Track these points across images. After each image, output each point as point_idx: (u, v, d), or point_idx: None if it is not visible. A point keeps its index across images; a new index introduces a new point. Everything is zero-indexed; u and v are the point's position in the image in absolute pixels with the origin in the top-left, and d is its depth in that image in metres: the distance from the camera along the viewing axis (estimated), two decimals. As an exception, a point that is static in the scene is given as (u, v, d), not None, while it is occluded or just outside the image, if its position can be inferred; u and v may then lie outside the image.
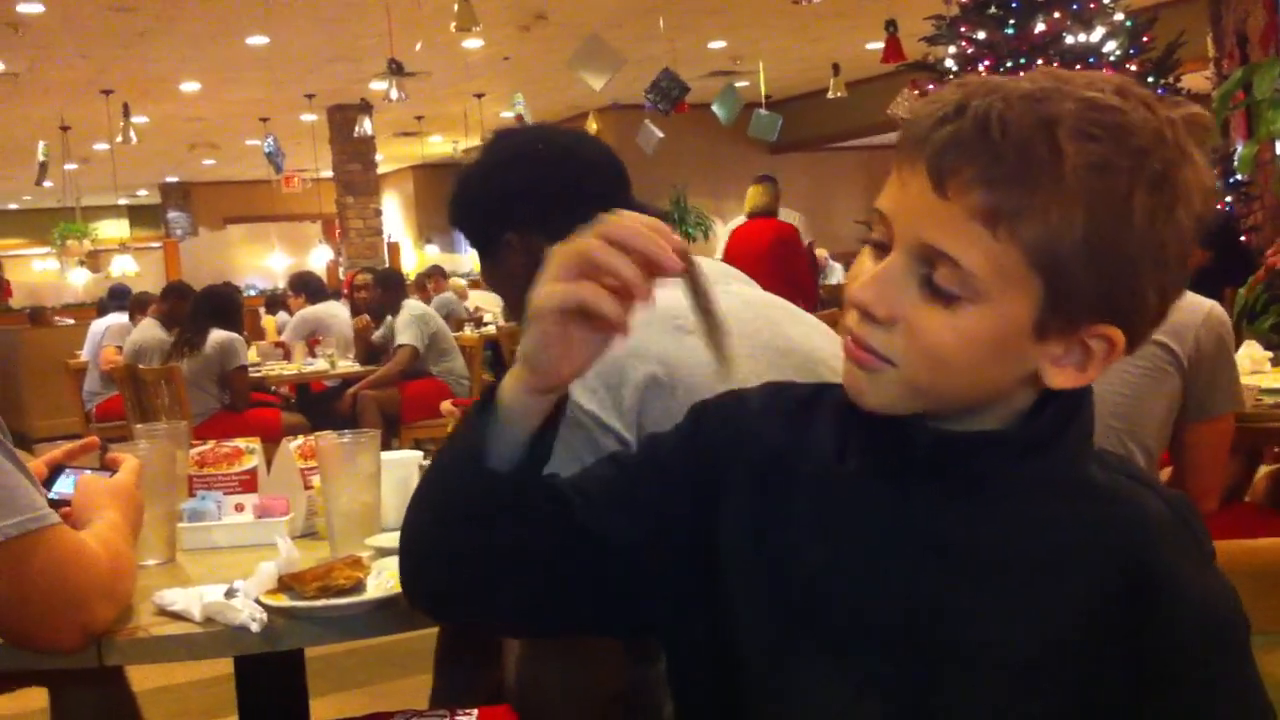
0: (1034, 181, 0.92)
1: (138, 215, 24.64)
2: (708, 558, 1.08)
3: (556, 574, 1.09)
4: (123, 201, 23.07)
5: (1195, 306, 2.49)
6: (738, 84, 13.32)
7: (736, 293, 1.72)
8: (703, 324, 1.04)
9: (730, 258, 9.57)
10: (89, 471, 1.81)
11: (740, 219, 8.91)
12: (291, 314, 10.26)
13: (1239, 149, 6.72)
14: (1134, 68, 7.43)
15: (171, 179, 22.41)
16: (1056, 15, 7.42)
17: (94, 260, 20.90)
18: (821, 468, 1.07)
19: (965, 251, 0.94)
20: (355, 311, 8.78)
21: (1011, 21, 7.53)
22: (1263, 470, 3.43)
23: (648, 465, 1.14)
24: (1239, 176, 7.19)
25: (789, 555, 1.05)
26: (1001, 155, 0.93)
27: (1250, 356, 3.35)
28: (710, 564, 1.08)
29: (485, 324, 10.43)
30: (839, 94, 13.18)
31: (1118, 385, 2.43)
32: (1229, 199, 7.47)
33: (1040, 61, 7.34)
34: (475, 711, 1.92)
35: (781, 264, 7.91)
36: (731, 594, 1.07)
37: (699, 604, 1.09)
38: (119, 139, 13.00)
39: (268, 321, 10.28)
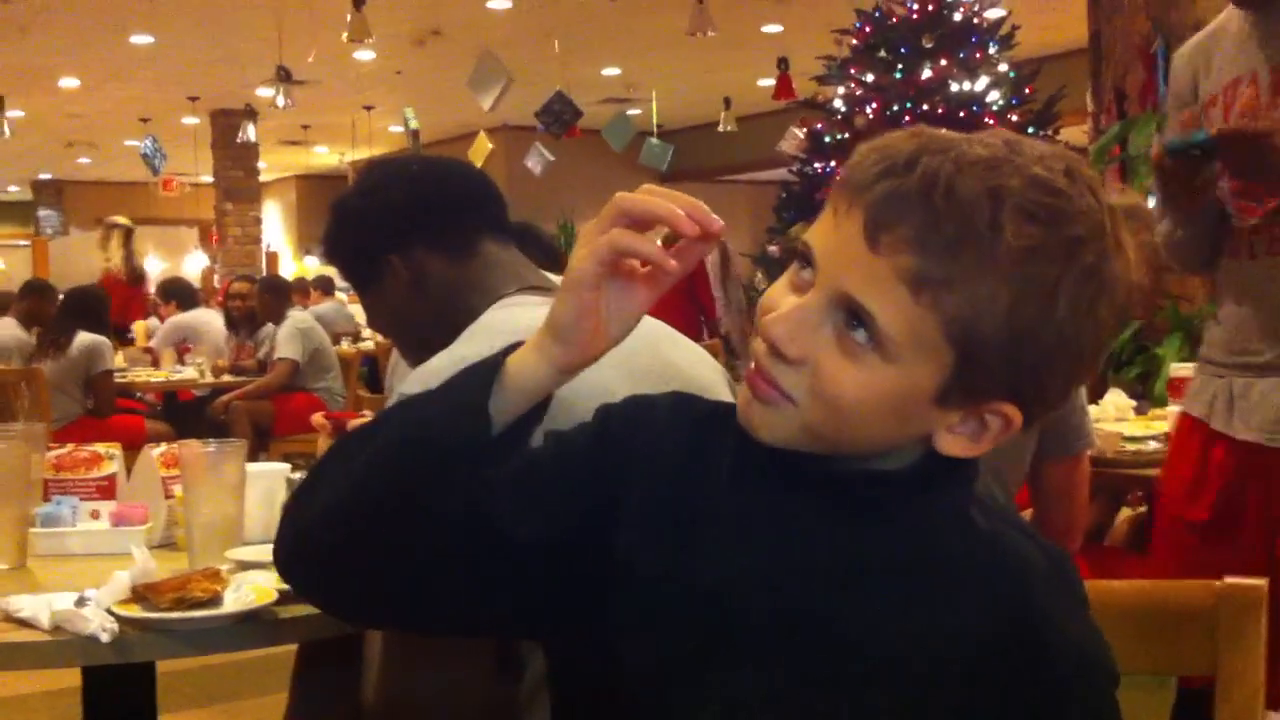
0: (967, 254, 0.91)
1: (7, 212, 23.95)
2: (601, 564, 1.06)
3: (476, 568, 1.07)
4: (-8, 196, 22.43)
5: None
6: (630, 111, 13.40)
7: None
8: (723, 292, 1.06)
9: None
10: (-63, 470, 1.74)
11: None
12: (161, 320, 10.05)
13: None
14: (1015, 118, 7.64)
15: (45, 176, 21.84)
16: (944, 63, 7.60)
17: (-42, 255, 20.26)
18: (722, 480, 1.07)
19: (884, 310, 0.94)
20: (229, 321, 8.61)
21: (900, 66, 7.70)
22: (1124, 514, 3.52)
23: (554, 462, 1.12)
24: (1111, 229, 7.39)
25: (686, 565, 1.04)
26: (940, 221, 0.92)
27: (1115, 404, 3.43)
28: (603, 571, 1.06)
29: (363, 340, 10.30)
30: (729, 127, 13.33)
31: None
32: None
33: (925, 107, 7.50)
34: (332, 731, 1.88)
35: (687, 281, 8.01)
36: (623, 604, 1.05)
37: (586, 612, 1.07)
38: (-8, 132, 12.64)
39: (138, 327, 10.05)
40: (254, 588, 1.62)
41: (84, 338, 6.62)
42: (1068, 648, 1.00)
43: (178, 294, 9.87)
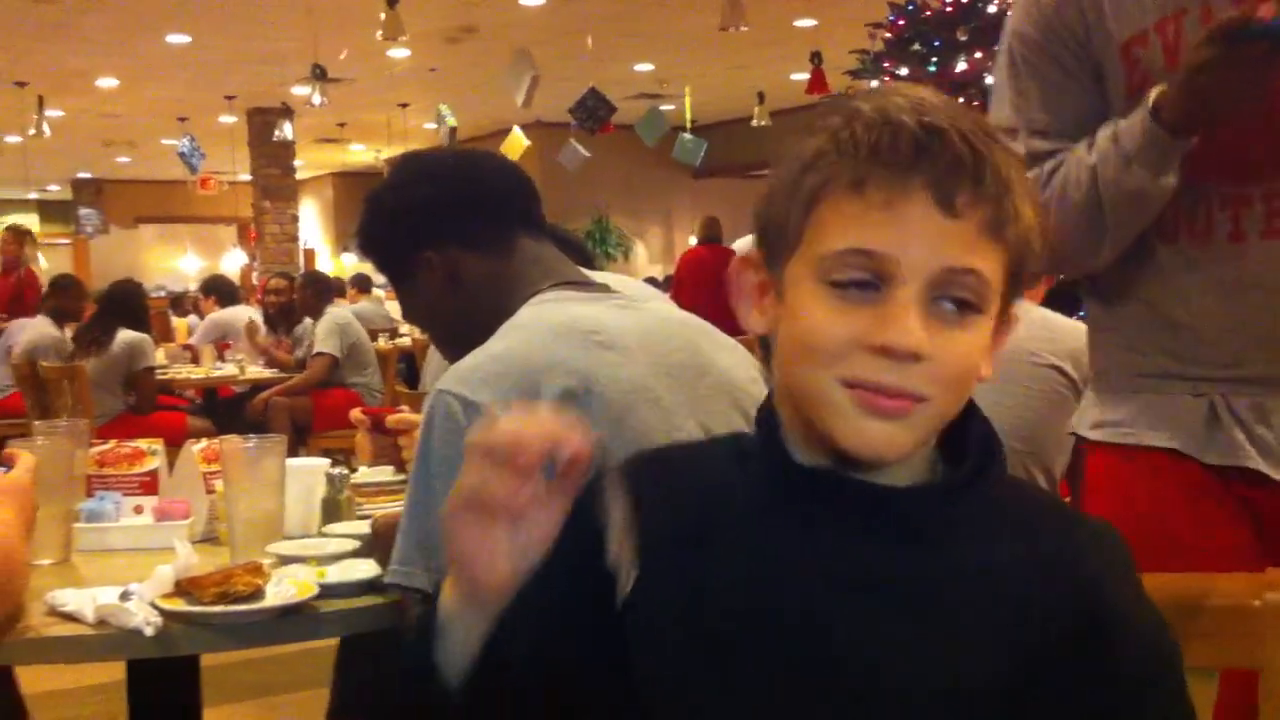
0: (1008, 189, 0.96)
1: (48, 211, 24.16)
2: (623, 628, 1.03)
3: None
4: (33, 196, 22.62)
5: (1082, 335, 2.56)
6: (663, 107, 13.39)
7: (654, 310, 1.72)
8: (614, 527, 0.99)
9: (681, 278, 9.93)
10: (-17, 467, 1.76)
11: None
12: (202, 317, 10.13)
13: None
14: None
15: (84, 175, 22.01)
16: (978, 56, 7.55)
17: (0, 254, 20.44)
18: (741, 521, 1.03)
19: (984, 263, 0.97)
20: (266, 317, 8.66)
21: (934, 60, 7.65)
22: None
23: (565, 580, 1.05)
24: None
25: (716, 606, 1.01)
26: (983, 168, 0.96)
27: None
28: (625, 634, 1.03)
29: (401, 336, 10.35)
30: (763, 122, 13.30)
31: (1019, 409, 2.48)
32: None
33: (960, 100, 7.46)
34: (373, 724, 1.89)
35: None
36: (653, 661, 1.02)
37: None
38: (31, 132, 12.76)
39: (180, 325, 10.12)
40: (295, 582, 1.64)
41: (125, 335, 6.67)
42: (1142, 636, 0.99)
43: (217, 290, 9.97)
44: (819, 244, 0.97)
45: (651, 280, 10.13)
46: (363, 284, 12.26)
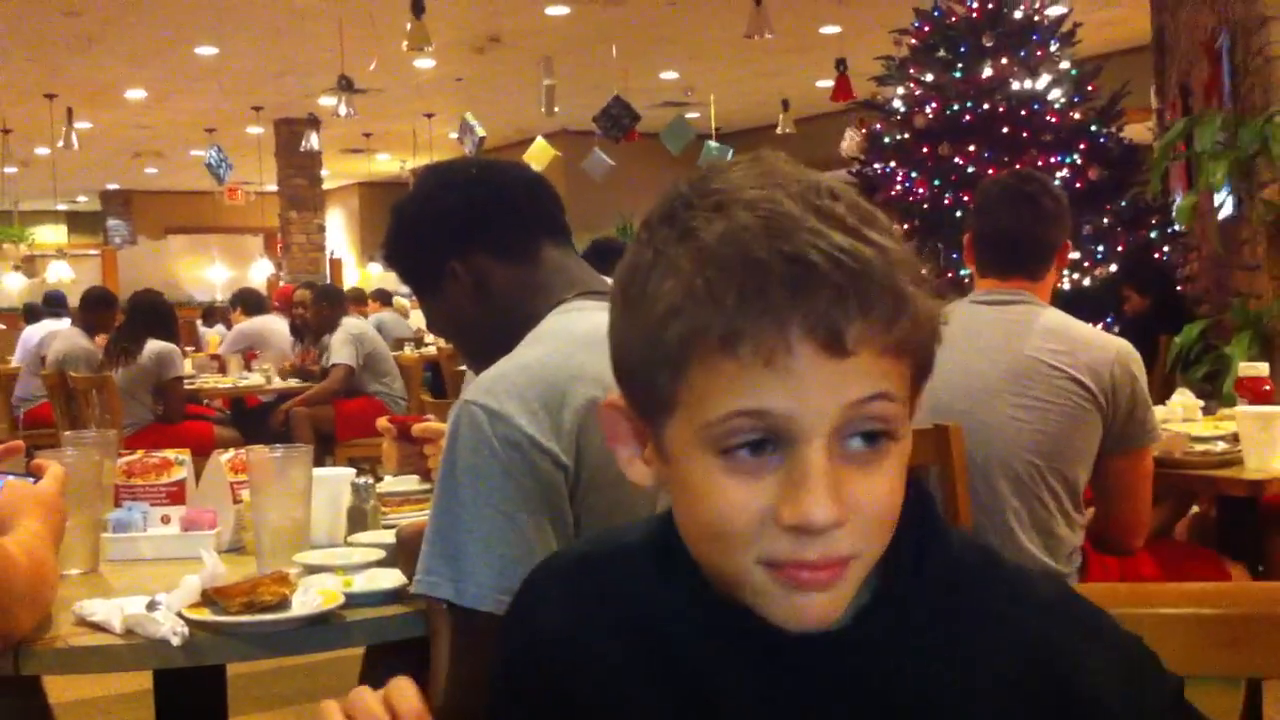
0: (899, 297, 0.84)
1: (77, 221, 24.35)
2: None
3: None
4: (62, 207, 22.81)
5: (1106, 344, 2.56)
6: (688, 115, 13.39)
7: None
8: None
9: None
10: (13, 477, 1.77)
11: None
12: (230, 328, 10.22)
13: (1178, 200, 6.83)
14: (1078, 116, 7.55)
15: (113, 186, 22.18)
16: (1004, 61, 7.52)
17: (30, 265, 20.61)
18: (668, 656, 0.95)
19: (890, 381, 0.85)
20: (294, 329, 8.71)
21: (960, 66, 7.63)
22: (1191, 511, 3.48)
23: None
24: (1177, 227, 7.31)
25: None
26: (867, 289, 0.82)
27: (1182, 405, 3.39)
28: None
29: (426, 345, 10.38)
30: (788, 130, 13.29)
31: (1037, 423, 2.46)
32: (1166, 248, 7.59)
33: (986, 106, 7.44)
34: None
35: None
36: None
37: None
38: (61, 144, 12.86)
39: (212, 338, 10.19)
40: (321, 591, 1.64)
41: (154, 345, 6.71)
42: (1105, 681, 0.91)
43: (244, 302, 10.13)
44: (699, 411, 0.85)
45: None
46: (383, 297, 12.33)
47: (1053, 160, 7.34)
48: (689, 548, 0.91)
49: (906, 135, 7.69)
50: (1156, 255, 7.50)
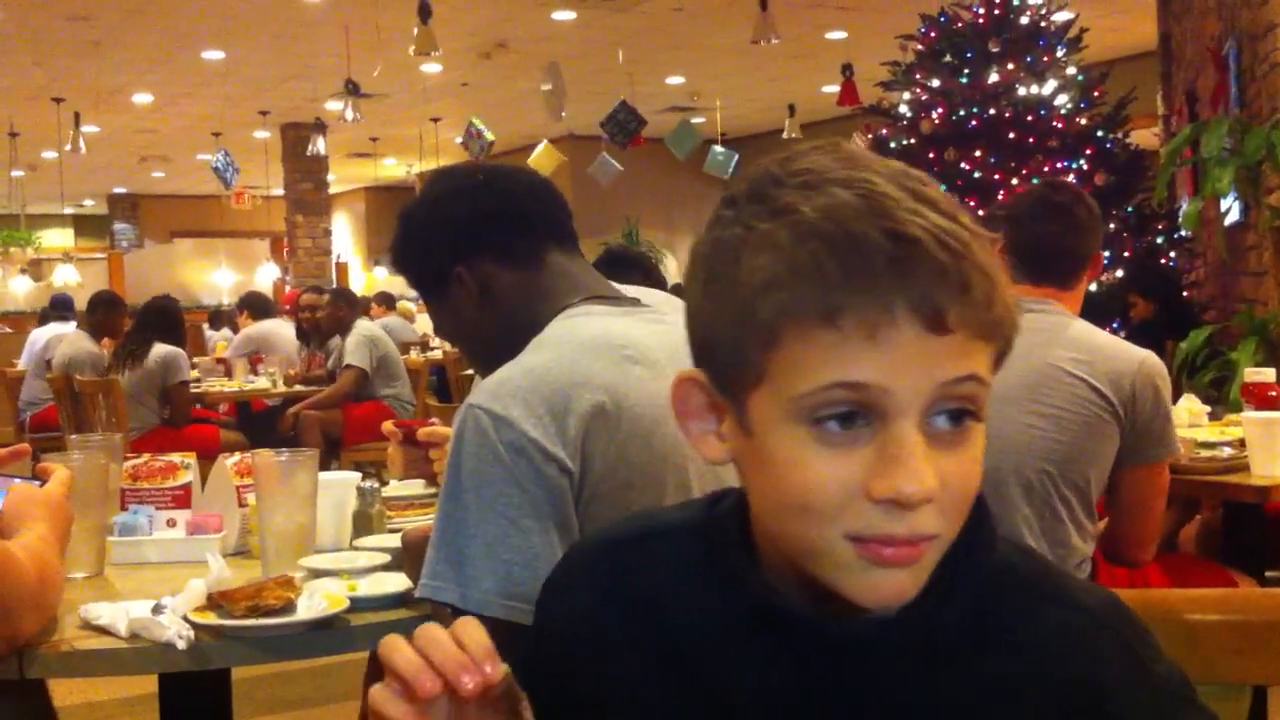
0: (993, 282, 0.85)
1: (83, 225, 24.39)
2: None
3: None
4: (69, 211, 22.83)
5: (1130, 355, 2.52)
6: (694, 120, 13.40)
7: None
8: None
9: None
10: (19, 480, 1.78)
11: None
12: (236, 332, 10.24)
13: (1184, 206, 6.83)
14: (1084, 121, 7.55)
15: (119, 190, 22.22)
16: (1010, 66, 7.52)
17: (36, 269, 20.66)
18: (704, 650, 0.96)
19: (979, 364, 0.86)
20: (300, 332, 8.71)
21: (966, 71, 7.63)
22: (1196, 518, 3.47)
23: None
24: (1183, 232, 7.30)
25: None
26: (967, 271, 0.83)
27: (1189, 410, 3.39)
28: None
29: (432, 349, 10.39)
30: (794, 135, 13.29)
31: (1053, 431, 2.45)
32: (1173, 254, 7.58)
33: (992, 111, 7.44)
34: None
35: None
36: None
37: None
38: (68, 148, 12.89)
39: (219, 345, 10.22)
40: (327, 595, 1.64)
41: (160, 349, 6.72)
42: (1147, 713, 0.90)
43: (250, 305, 10.14)
44: (792, 382, 0.84)
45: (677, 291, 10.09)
46: (387, 301, 12.34)
47: (1059, 166, 7.34)
48: (766, 524, 0.91)
49: (912, 141, 7.69)
50: (1163, 261, 7.49)
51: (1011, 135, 7.37)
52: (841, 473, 0.85)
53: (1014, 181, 7.12)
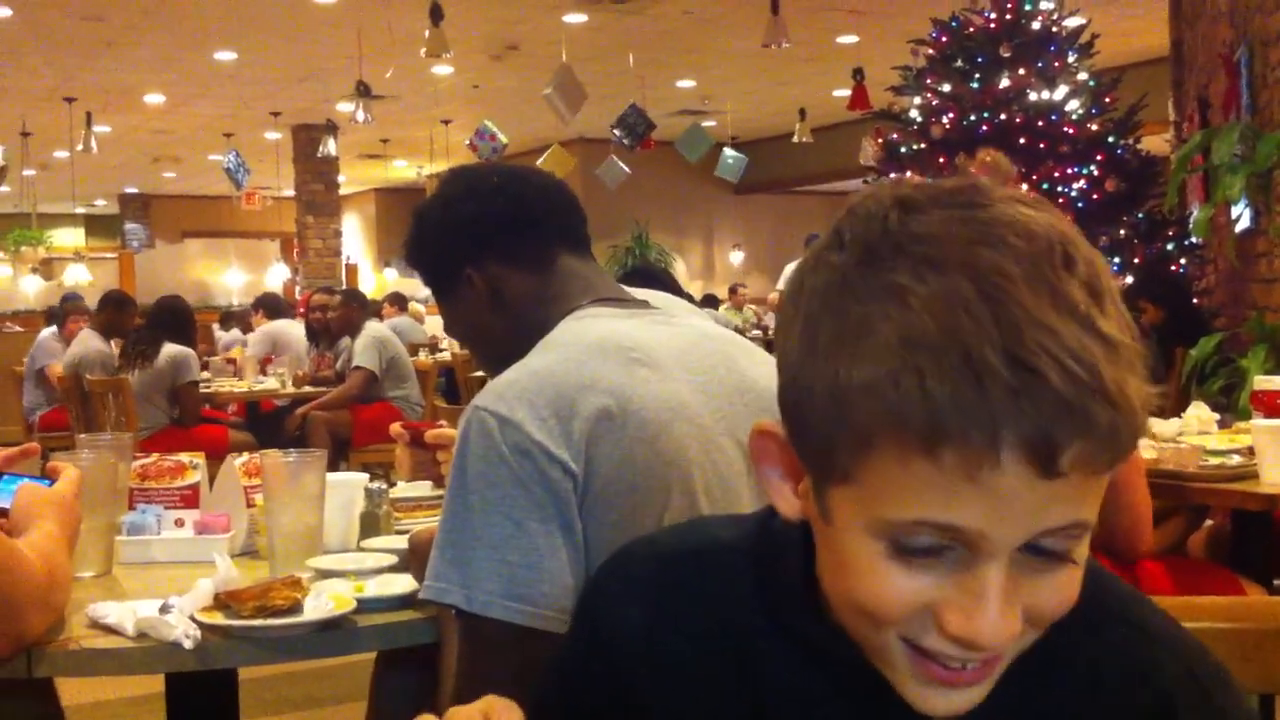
0: (1128, 412, 0.75)
1: (95, 225, 24.44)
2: None
3: None
4: (80, 210, 22.87)
5: None
6: (705, 124, 13.40)
7: (694, 326, 1.71)
8: None
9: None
10: (28, 479, 1.78)
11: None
12: (245, 334, 10.29)
13: (1195, 212, 6.81)
14: (1095, 127, 7.53)
15: (131, 190, 22.28)
16: (1022, 72, 7.51)
17: (47, 268, 20.70)
18: (756, 669, 0.93)
19: (1090, 510, 0.78)
20: (310, 332, 8.73)
21: (977, 76, 7.62)
22: (1205, 525, 3.46)
23: (560, 698, 1.04)
24: (1194, 239, 7.28)
25: None
26: (1091, 408, 0.73)
27: (1198, 417, 3.38)
28: None
29: (441, 350, 10.40)
30: (804, 138, 13.29)
31: None
32: (1183, 261, 7.56)
33: (1003, 117, 7.43)
34: (409, 739, 1.89)
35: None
36: None
37: None
38: (80, 147, 12.93)
39: (236, 352, 10.28)
40: (334, 596, 1.64)
41: (170, 349, 6.73)
42: None
43: (265, 305, 10.26)
44: (879, 502, 0.77)
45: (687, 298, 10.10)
46: (399, 302, 12.35)
47: (1070, 171, 7.33)
48: (830, 590, 0.86)
49: (923, 145, 7.68)
50: (1173, 268, 7.48)
51: (1022, 140, 7.36)
52: (914, 590, 0.79)
53: (1024, 187, 7.12)
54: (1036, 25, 7.63)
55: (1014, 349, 0.72)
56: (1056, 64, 7.57)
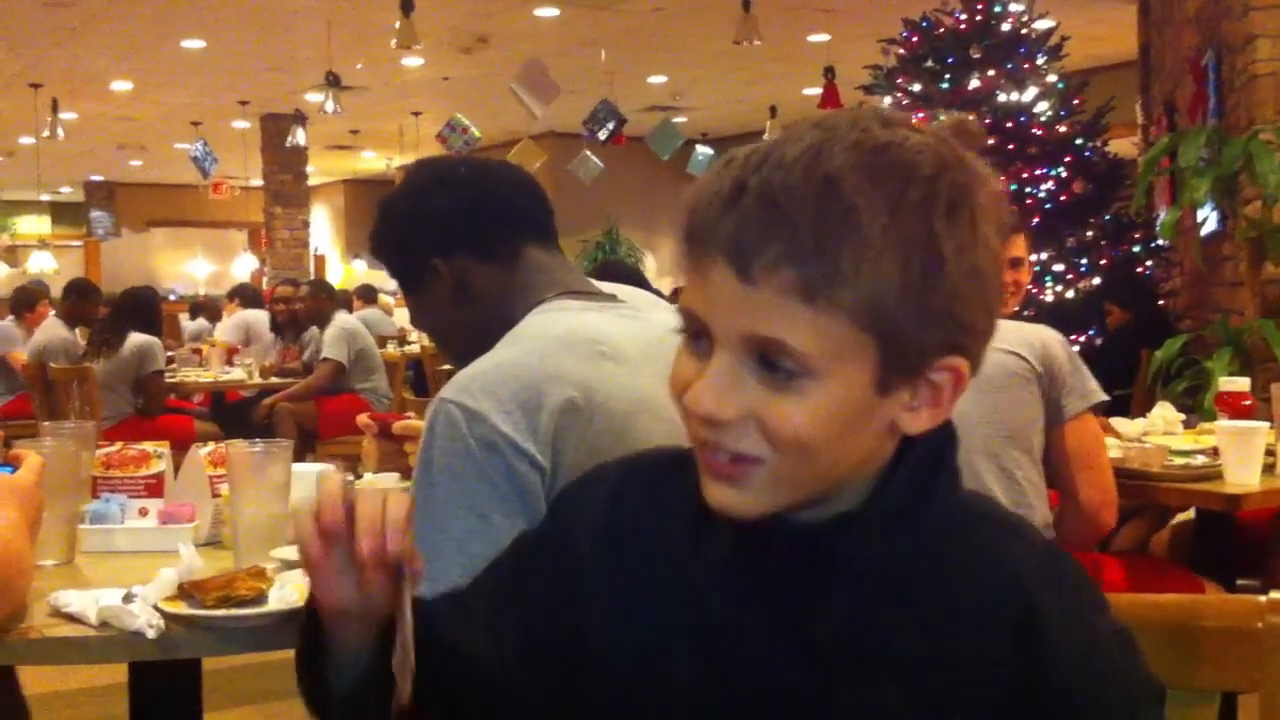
0: (836, 245, 0.89)
1: (60, 212, 24.24)
2: (576, 657, 1.06)
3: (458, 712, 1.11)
4: (45, 198, 22.69)
5: (1031, 327, 2.69)
6: (676, 120, 13.39)
7: (662, 321, 1.71)
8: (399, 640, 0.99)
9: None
10: (-11, 466, 1.76)
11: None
12: (211, 322, 10.26)
13: (1162, 215, 6.86)
14: (1063, 129, 7.57)
15: (97, 178, 22.09)
16: (991, 73, 7.55)
17: (11, 256, 20.53)
18: (678, 557, 1.04)
19: (791, 333, 0.91)
20: (275, 325, 8.68)
21: (947, 76, 7.65)
22: (1169, 526, 3.49)
23: (517, 574, 1.13)
24: (1160, 242, 7.34)
25: (651, 652, 1.02)
26: (797, 227, 0.89)
27: (1163, 418, 3.40)
28: (578, 663, 1.06)
29: (410, 343, 10.37)
30: (775, 136, 13.30)
31: (989, 401, 2.53)
32: (1149, 263, 7.62)
33: (972, 118, 7.46)
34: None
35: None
36: (594, 694, 1.04)
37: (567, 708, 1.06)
38: (46, 134, 12.81)
39: (216, 341, 10.25)
40: (298, 586, 1.63)
41: (135, 338, 6.68)
42: (1077, 661, 0.95)
43: (241, 294, 10.39)
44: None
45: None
46: (367, 295, 12.31)
47: (1038, 173, 7.37)
48: None
49: (892, 145, 7.71)
50: (1140, 270, 7.53)
51: (991, 141, 7.39)
52: (682, 376, 0.97)
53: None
54: (1006, 27, 7.67)
55: (740, 174, 0.93)
56: (1026, 66, 7.61)
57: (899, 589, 0.97)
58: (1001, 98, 7.53)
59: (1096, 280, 7.30)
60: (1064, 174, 7.41)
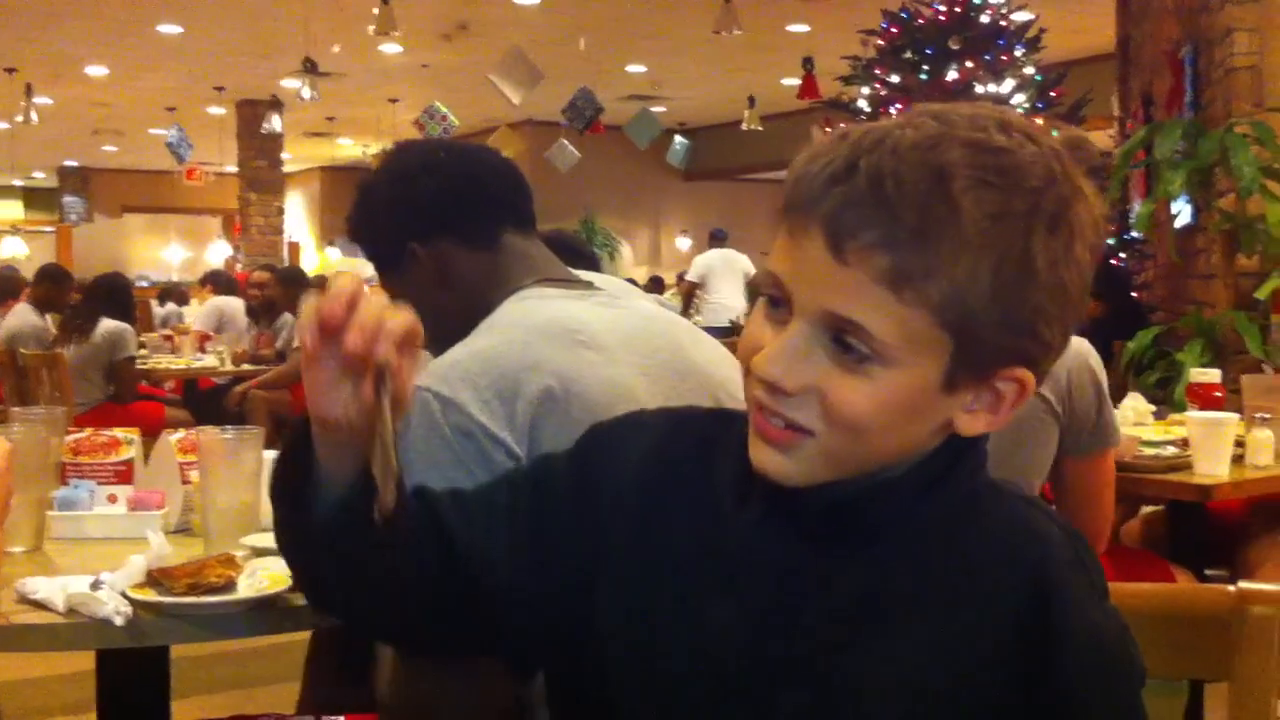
0: (935, 240, 0.90)
1: (33, 198, 24.08)
2: (591, 590, 1.06)
3: (435, 599, 1.08)
4: (18, 183, 22.56)
5: (1069, 354, 2.53)
6: (655, 109, 13.39)
7: (637, 309, 1.71)
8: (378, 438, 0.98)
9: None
10: (-43, 452, 1.74)
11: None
12: (180, 307, 10.23)
13: (1137, 207, 6.89)
14: (1041, 121, 7.59)
15: (71, 163, 21.95)
16: (970, 65, 7.57)
17: (-16, 240, 20.41)
18: (719, 512, 1.05)
19: (872, 318, 0.92)
20: (250, 310, 8.65)
21: (926, 68, 7.67)
22: (1139, 515, 3.51)
23: (536, 493, 1.12)
24: (1135, 234, 7.36)
25: (680, 599, 1.03)
26: (899, 215, 0.90)
27: (1134, 409, 3.41)
28: (594, 598, 1.06)
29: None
30: (753, 126, 13.31)
31: (1006, 440, 2.44)
32: (1123, 254, 7.64)
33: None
34: (342, 719, 1.88)
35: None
36: (613, 631, 1.05)
37: (581, 637, 1.07)
38: (19, 119, 12.72)
39: (186, 329, 10.24)
40: (268, 574, 1.62)
41: (107, 324, 6.65)
42: (1086, 636, 0.97)
43: (215, 281, 10.34)
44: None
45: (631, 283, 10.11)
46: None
47: (1014, 165, 7.38)
48: None
49: (871, 135, 7.73)
50: (1114, 262, 7.55)
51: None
52: (754, 338, 0.98)
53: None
54: (985, 19, 7.69)
55: (857, 155, 0.93)
56: (1004, 58, 7.64)
57: (926, 544, 1.00)
58: (980, 89, 7.55)
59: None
60: (1040, 166, 7.42)
